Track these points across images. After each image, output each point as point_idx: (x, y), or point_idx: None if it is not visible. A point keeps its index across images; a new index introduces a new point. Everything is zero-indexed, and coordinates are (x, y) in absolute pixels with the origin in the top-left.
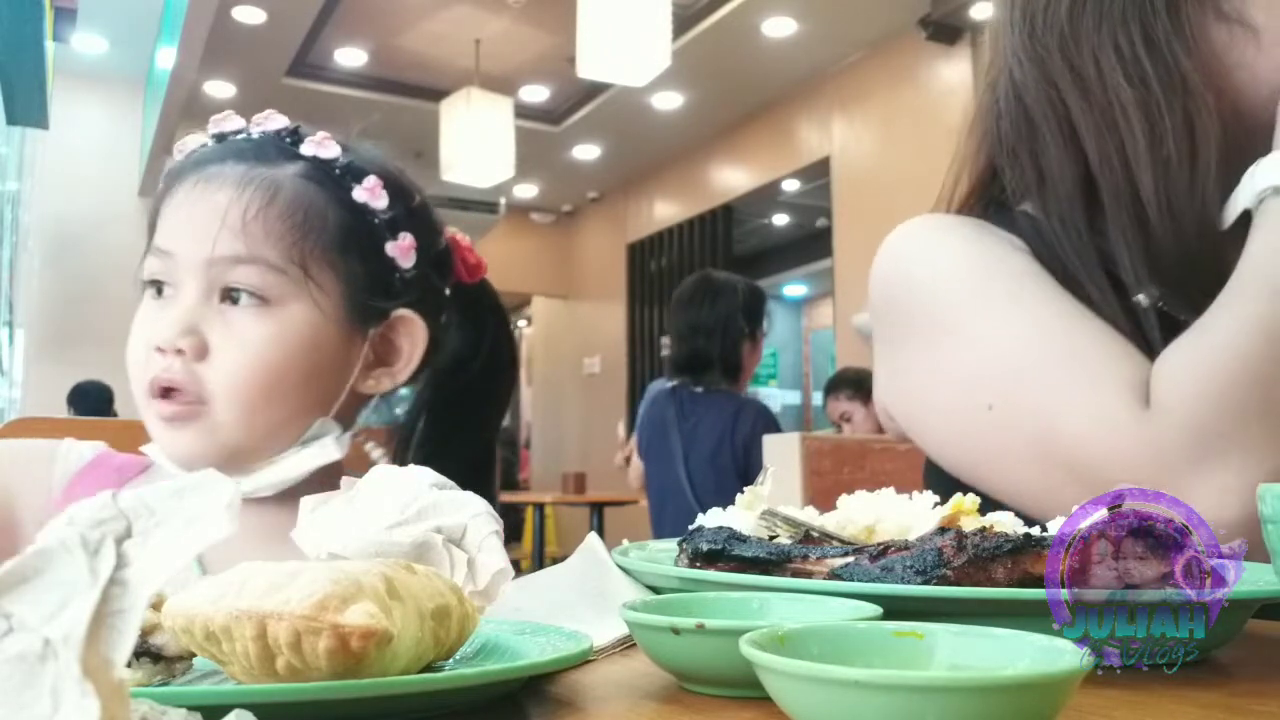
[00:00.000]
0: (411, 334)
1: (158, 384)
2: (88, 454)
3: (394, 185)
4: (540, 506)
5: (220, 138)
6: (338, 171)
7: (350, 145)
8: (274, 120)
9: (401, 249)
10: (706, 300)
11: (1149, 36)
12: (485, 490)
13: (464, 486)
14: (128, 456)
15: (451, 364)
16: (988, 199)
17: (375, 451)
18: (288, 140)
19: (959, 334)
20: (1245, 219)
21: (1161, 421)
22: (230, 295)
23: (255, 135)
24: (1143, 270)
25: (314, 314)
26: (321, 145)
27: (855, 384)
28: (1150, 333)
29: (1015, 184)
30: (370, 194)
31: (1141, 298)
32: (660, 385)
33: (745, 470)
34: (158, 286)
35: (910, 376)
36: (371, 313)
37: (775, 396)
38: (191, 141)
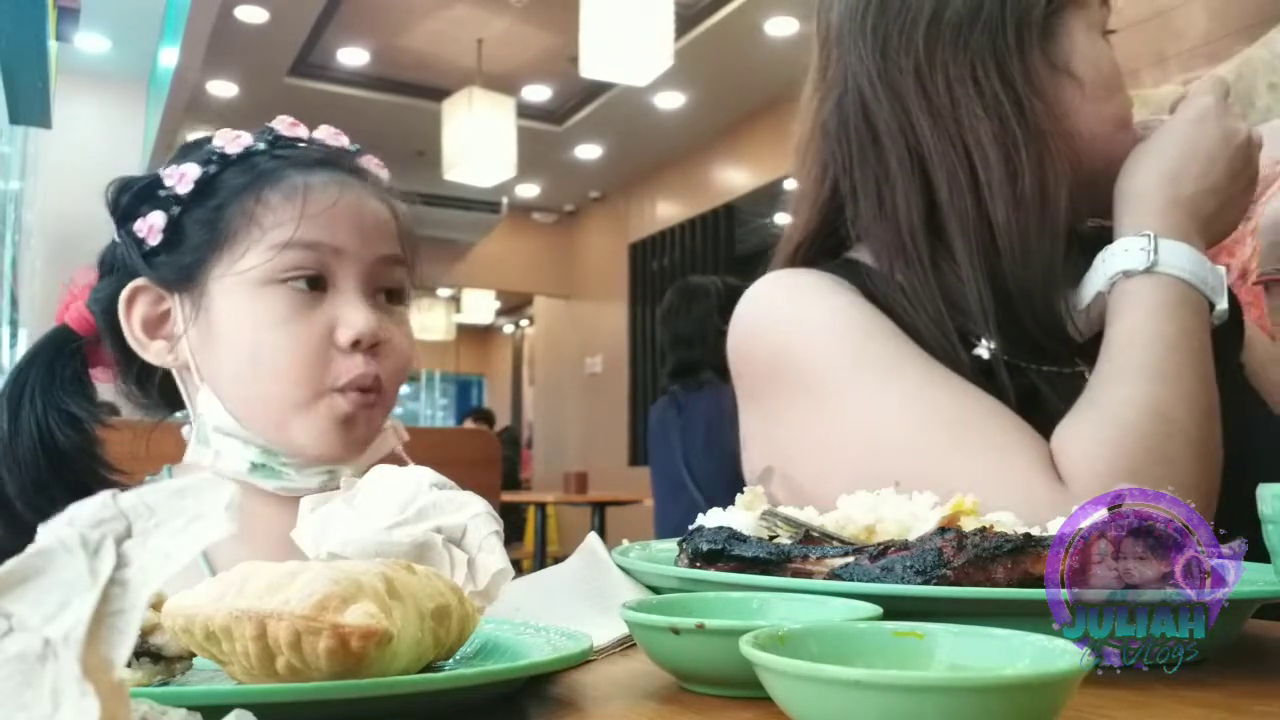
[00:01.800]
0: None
1: (362, 380)
2: None
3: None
4: (542, 506)
5: (280, 141)
6: (390, 190)
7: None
8: (340, 138)
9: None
10: (683, 309)
11: (1005, 74)
12: None
13: None
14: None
15: None
16: (824, 244)
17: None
18: (350, 157)
19: (844, 409)
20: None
21: (1081, 498)
22: (388, 294)
23: (333, 145)
24: (990, 307)
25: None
26: (380, 167)
27: None
28: (998, 379)
29: (855, 213)
30: (414, 218)
31: (982, 351)
32: (661, 399)
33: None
34: (310, 280)
35: (800, 438)
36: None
37: None
38: (227, 136)
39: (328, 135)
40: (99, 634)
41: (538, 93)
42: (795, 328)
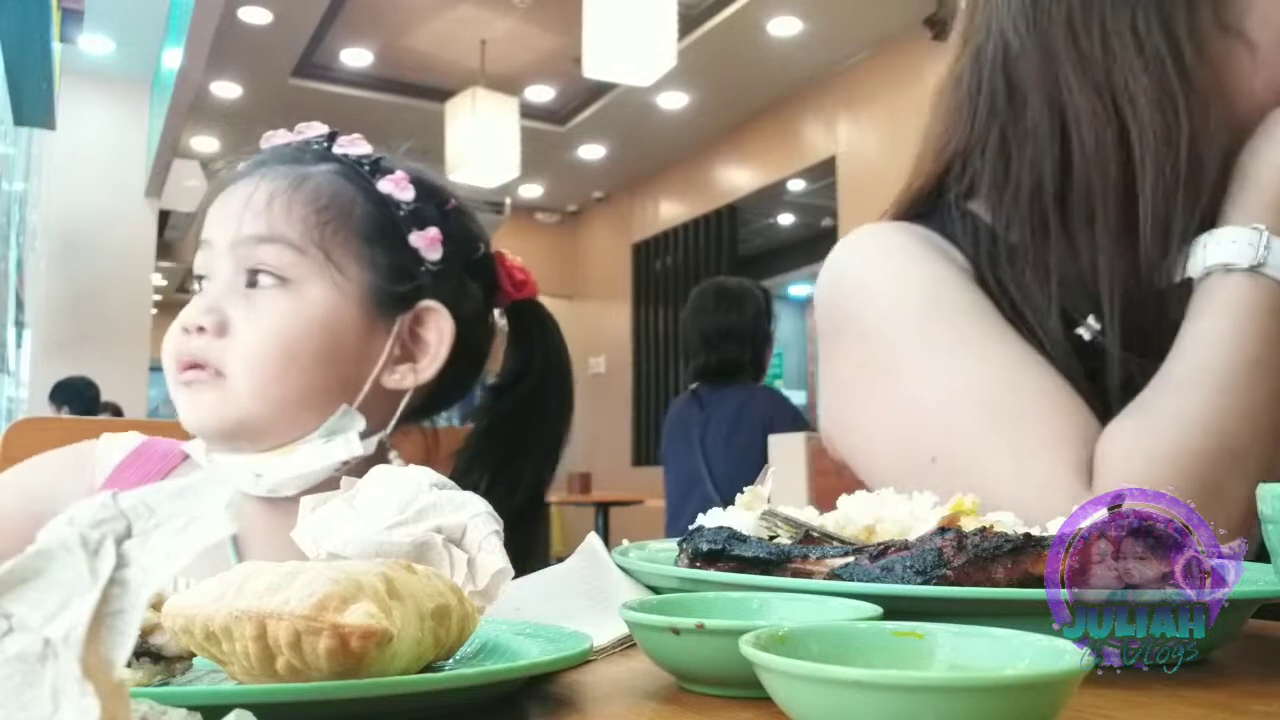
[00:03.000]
0: (439, 327)
1: (181, 359)
2: (129, 444)
3: (424, 185)
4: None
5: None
6: (365, 167)
7: (387, 154)
8: (313, 128)
9: (426, 240)
10: (733, 307)
11: (1169, 29)
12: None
13: (520, 508)
14: (170, 444)
15: (504, 382)
16: (940, 191)
17: (397, 461)
18: (323, 143)
19: (900, 376)
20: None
21: None
22: (254, 277)
23: (295, 143)
24: (1112, 283)
25: (333, 294)
26: (353, 144)
27: None
28: (1099, 364)
29: (980, 168)
30: (395, 185)
31: (1083, 331)
32: (681, 397)
33: (764, 449)
34: (199, 279)
35: (857, 403)
36: (395, 300)
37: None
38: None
39: (305, 130)
40: (99, 634)
41: (541, 93)
42: (866, 289)
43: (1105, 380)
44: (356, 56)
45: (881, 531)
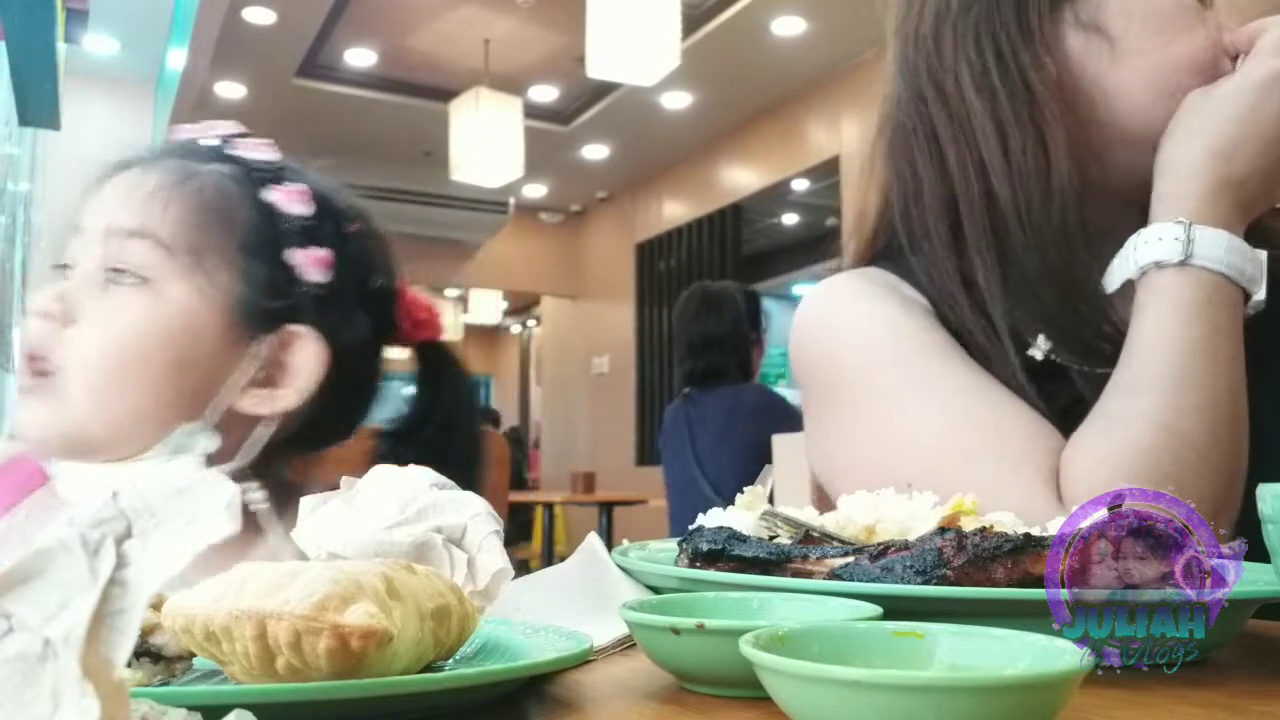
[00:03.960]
0: (308, 353)
1: (25, 351)
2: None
3: (327, 203)
4: (549, 506)
5: None
6: (259, 173)
7: (296, 165)
8: (221, 127)
9: (310, 259)
10: (712, 313)
11: (999, 50)
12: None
13: None
14: (37, 467)
15: (400, 428)
16: (889, 242)
17: (254, 495)
18: (227, 143)
19: (872, 414)
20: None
21: None
22: (116, 272)
23: (199, 139)
24: (996, 287)
25: (195, 300)
26: (256, 149)
27: None
28: (1052, 385)
29: (897, 205)
30: (285, 196)
31: (1036, 352)
32: (675, 401)
33: (757, 444)
34: (65, 268)
35: (838, 444)
36: (264, 318)
37: (785, 396)
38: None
39: (214, 127)
40: (99, 634)
41: (545, 93)
42: (829, 339)
43: (1059, 399)
44: (360, 57)
45: (881, 531)
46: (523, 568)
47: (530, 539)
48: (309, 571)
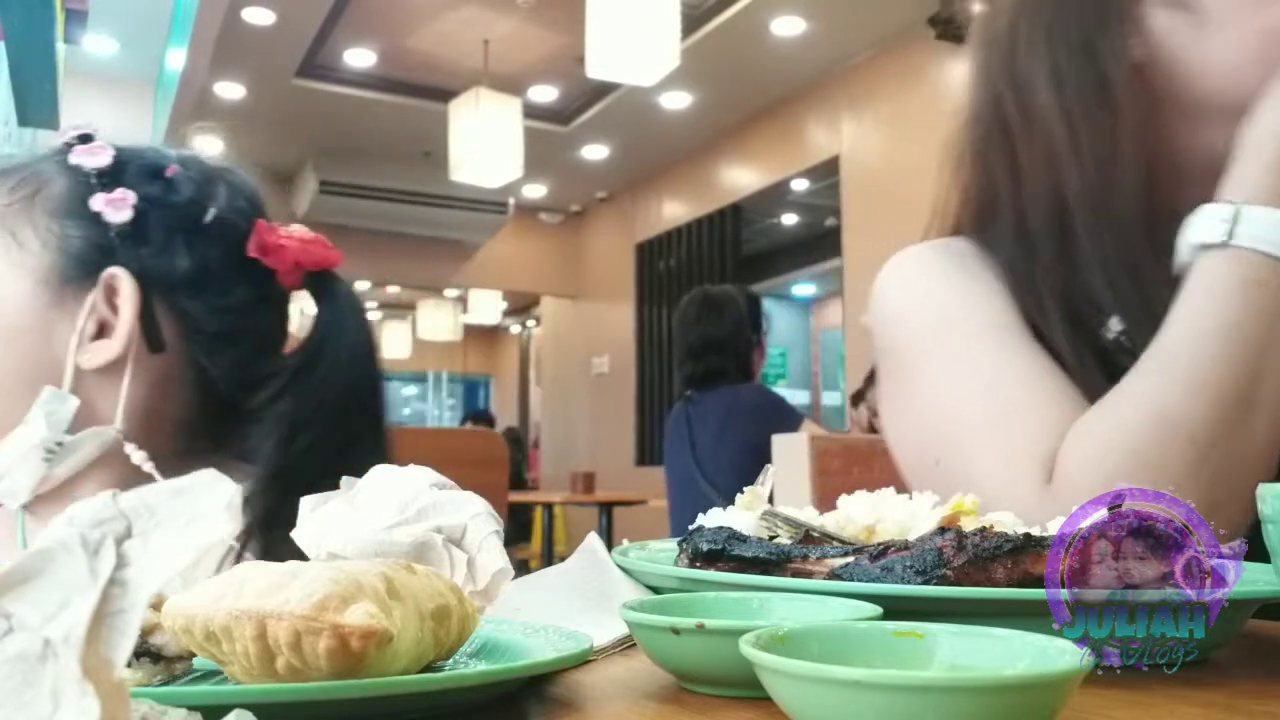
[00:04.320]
0: (125, 293)
1: None
2: None
3: (131, 153)
4: (549, 506)
5: None
6: (69, 145)
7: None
8: (72, 131)
9: (108, 201)
10: (713, 316)
11: (1071, 42)
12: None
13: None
14: None
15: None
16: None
17: (136, 454)
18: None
19: (917, 382)
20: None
21: (1055, 501)
22: None
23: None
24: (1056, 279)
25: (9, 272)
26: (69, 132)
27: None
28: (1120, 367)
29: (980, 204)
30: (86, 154)
31: (1107, 332)
32: (677, 404)
33: (756, 443)
34: None
35: (890, 410)
36: (81, 272)
37: (784, 396)
38: None
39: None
40: (99, 634)
41: (544, 93)
42: (894, 310)
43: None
44: (360, 57)
45: (881, 531)
46: (523, 568)
47: (530, 539)
48: (309, 571)
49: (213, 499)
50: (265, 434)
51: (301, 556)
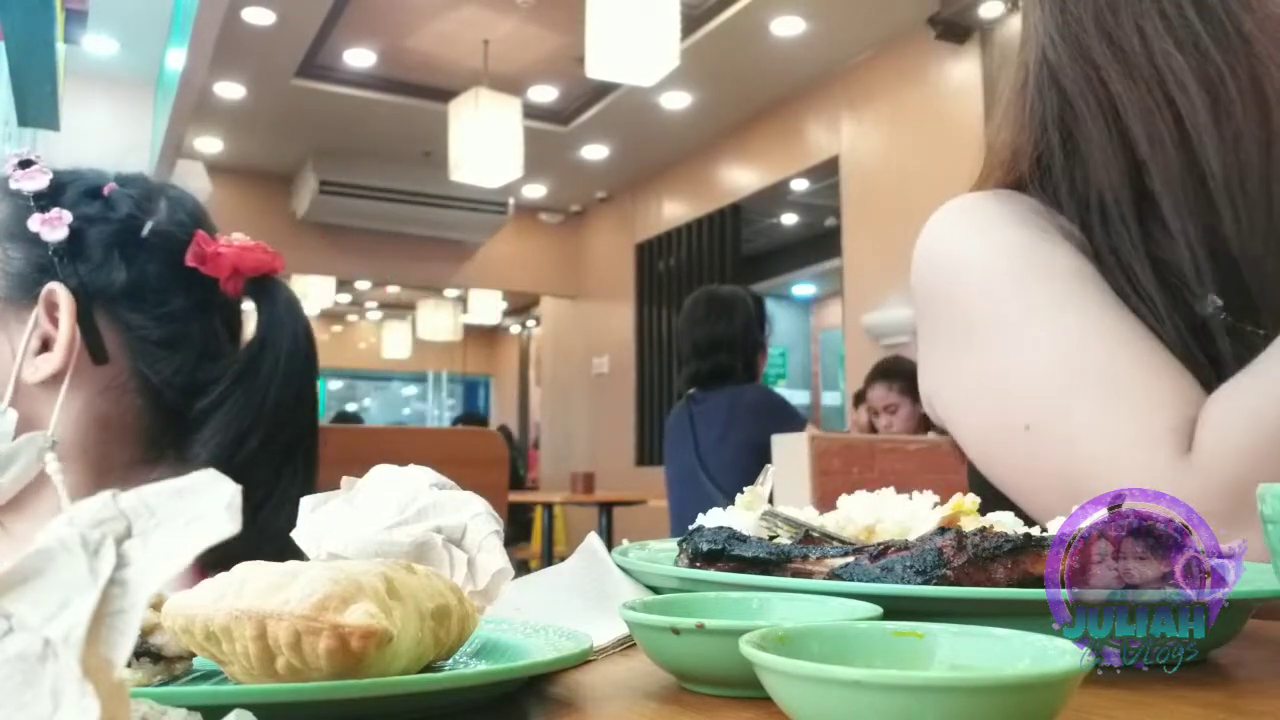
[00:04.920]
0: (62, 305)
1: None
2: None
3: (69, 175)
4: (549, 506)
5: None
6: (11, 172)
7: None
8: (13, 157)
9: (44, 221)
10: (723, 316)
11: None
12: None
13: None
14: None
15: (245, 363)
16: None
17: (52, 464)
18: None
19: (999, 340)
20: None
21: (1201, 480)
22: None
23: None
24: (1207, 269)
25: None
26: (12, 159)
27: (909, 378)
28: (1217, 345)
29: (1049, 182)
30: (25, 178)
31: (1208, 306)
32: (679, 403)
33: (758, 443)
34: None
35: (948, 374)
36: (22, 290)
37: (784, 397)
38: None
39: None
40: (99, 634)
41: (544, 93)
42: (959, 260)
43: (1224, 360)
44: (359, 57)
45: (881, 531)
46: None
47: (530, 539)
48: (309, 571)
49: (213, 499)
50: (208, 439)
51: (281, 557)
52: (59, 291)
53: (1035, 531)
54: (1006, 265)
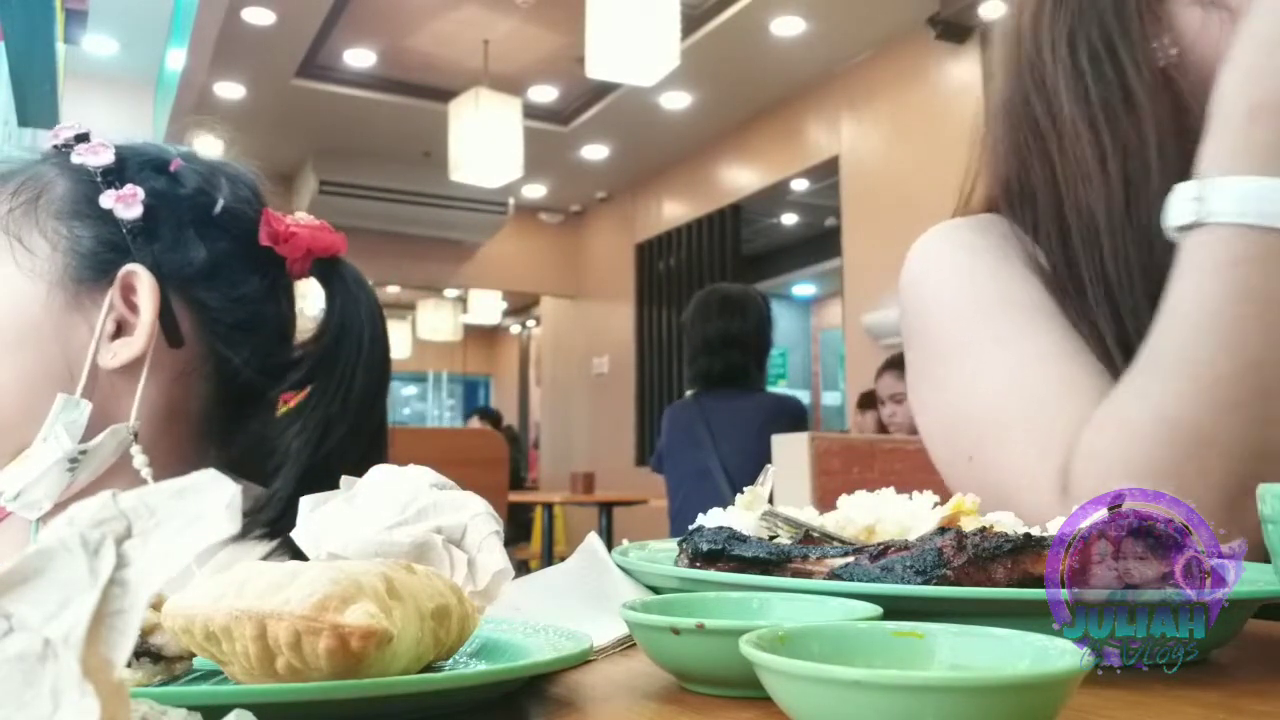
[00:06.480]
0: (142, 287)
1: None
2: None
3: (132, 150)
4: (549, 506)
5: None
6: (68, 147)
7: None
8: (65, 132)
9: (118, 198)
10: (737, 313)
11: (1093, 49)
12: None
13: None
14: None
15: (304, 347)
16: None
17: (139, 457)
18: (54, 145)
19: (948, 372)
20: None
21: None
22: None
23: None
24: (1099, 290)
25: (16, 276)
26: (61, 131)
27: None
28: None
29: (1013, 198)
30: (88, 153)
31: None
32: (680, 401)
33: None
34: None
35: (918, 402)
36: (98, 273)
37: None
38: None
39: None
40: (99, 634)
41: (544, 93)
42: (924, 289)
43: None
44: (360, 57)
45: (881, 531)
46: (523, 568)
47: (530, 539)
48: (309, 571)
49: (213, 499)
50: (295, 432)
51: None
52: (140, 273)
53: (1035, 531)
54: (968, 300)
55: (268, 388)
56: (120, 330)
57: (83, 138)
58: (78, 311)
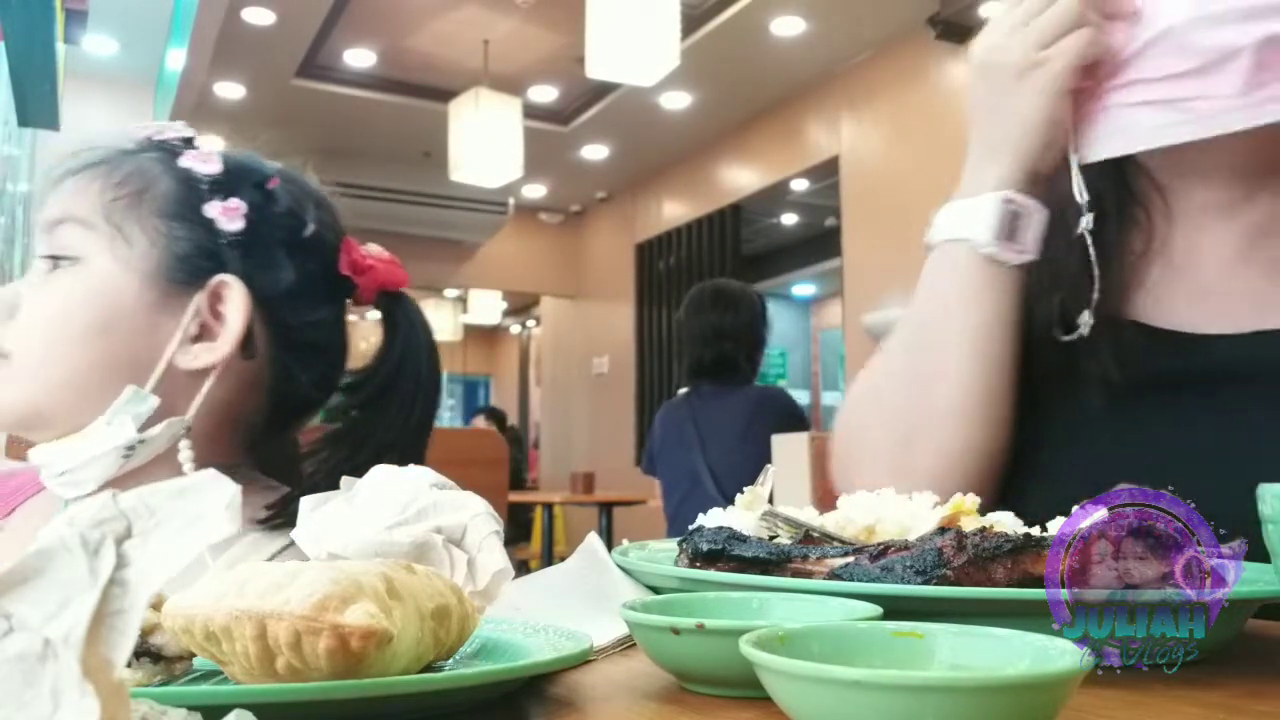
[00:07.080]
0: (233, 299)
1: None
2: None
3: (238, 163)
4: (549, 506)
5: None
6: (175, 146)
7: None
8: (170, 130)
9: (223, 209)
10: (730, 307)
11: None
12: None
13: None
14: (26, 477)
15: (356, 380)
16: None
17: (185, 453)
18: (158, 139)
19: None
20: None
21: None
22: (54, 260)
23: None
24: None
25: (114, 268)
26: (167, 129)
27: None
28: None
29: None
30: (196, 159)
31: (1080, 325)
32: (673, 400)
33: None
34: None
35: None
36: (190, 275)
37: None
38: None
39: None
40: (99, 634)
41: (544, 93)
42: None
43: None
44: (360, 57)
45: (881, 531)
46: (523, 568)
47: (530, 539)
48: (309, 571)
49: (214, 499)
50: (344, 456)
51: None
52: (233, 284)
53: (1035, 531)
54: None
55: (319, 406)
56: (200, 334)
57: (190, 141)
58: (164, 310)
